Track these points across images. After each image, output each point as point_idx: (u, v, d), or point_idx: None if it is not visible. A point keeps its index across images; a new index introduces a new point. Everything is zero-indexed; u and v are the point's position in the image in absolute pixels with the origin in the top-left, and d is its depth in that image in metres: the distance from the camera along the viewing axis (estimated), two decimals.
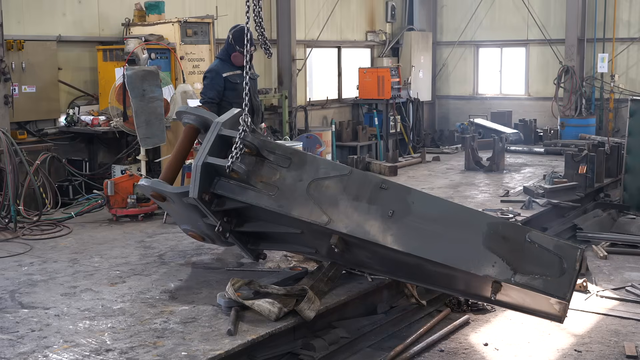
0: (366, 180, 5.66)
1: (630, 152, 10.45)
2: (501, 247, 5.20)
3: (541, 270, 5.08)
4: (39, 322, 5.37)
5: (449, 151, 15.65)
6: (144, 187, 6.19)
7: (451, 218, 5.46)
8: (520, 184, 11.16)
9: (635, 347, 5.87)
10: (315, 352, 5.48)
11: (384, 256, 5.61)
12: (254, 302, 5.40)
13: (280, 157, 5.80)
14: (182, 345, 4.88)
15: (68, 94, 11.05)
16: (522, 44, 18.15)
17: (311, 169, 5.73)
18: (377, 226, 5.40)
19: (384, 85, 15.83)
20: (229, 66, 7.80)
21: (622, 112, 16.08)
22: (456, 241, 5.30)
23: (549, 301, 5.17)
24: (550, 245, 5.22)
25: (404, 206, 5.46)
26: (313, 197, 5.56)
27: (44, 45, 10.46)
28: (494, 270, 5.10)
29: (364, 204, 5.49)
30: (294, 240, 6.10)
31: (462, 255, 5.22)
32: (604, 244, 8.98)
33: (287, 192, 5.63)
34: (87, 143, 11.00)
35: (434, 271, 5.50)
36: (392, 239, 5.35)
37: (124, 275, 6.57)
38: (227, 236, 5.93)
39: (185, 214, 6.25)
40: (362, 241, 5.46)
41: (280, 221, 5.80)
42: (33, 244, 7.72)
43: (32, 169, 8.85)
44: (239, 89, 7.41)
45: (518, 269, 5.10)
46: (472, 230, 5.33)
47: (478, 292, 5.69)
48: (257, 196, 5.67)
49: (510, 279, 5.04)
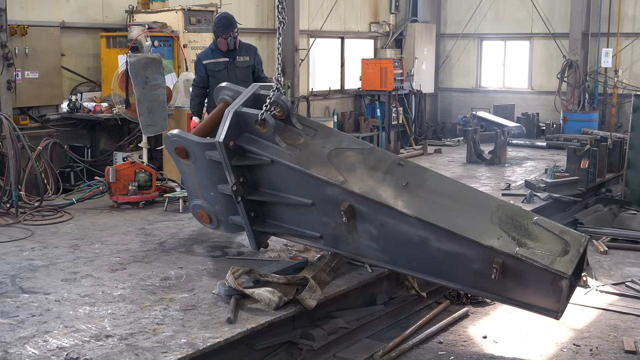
0: (385, 155, 6.08)
1: (633, 147, 10.44)
2: (508, 225, 5.37)
3: (545, 248, 5.21)
4: (40, 307, 5.38)
5: (451, 144, 15.64)
6: (172, 137, 6.32)
7: (463, 196, 5.76)
8: (521, 178, 11.16)
9: (634, 342, 5.88)
10: (314, 341, 5.49)
11: (390, 231, 5.64)
12: (254, 290, 5.42)
13: (307, 127, 6.21)
14: (182, 333, 4.90)
15: (71, 80, 11.04)
16: (526, 38, 18.10)
17: (335, 140, 6.13)
18: (389, 192, 5.64)
19: (387, 76, 15.80)
20: (216, 54, 7.96)
21: (625, 108, 16.07)
22: (465, 214, 5.49)
23: (548, 284, 5.16)
24: (556, 230, 5.40)
25: (418, 180, 5.77)
26: (332, 162, 5.88)
27: (47, 31, 10.45)
28: (499, 242, 5.22)
29: (380, 174, 5.80)
30: (302, 219, 6.13)
31: (469, 225, 5.37)
32: (604, 239, 8.99)
33: (308, 154, 5.96)
34: (89, 130, 11.00)
35: (437, 250, 5.47)
36: (402, 204, 5.53)
37: (124, 262, 6.58)
38: (238, 200, 6.07)
39: (202, 177, 6.40)
40: (372, 207, 5.60)
41: (294, 189, 5.97)
42: (34, 230, 7.73)
43: (34, 154, 8.86)
44: (218, 76, 7.84)
45: (522, 244, 5.22)
46: (482, 208, 5.56)
47: (478, 281, 5.51)
48: (278, 153, 5.95)
49: (514, 251, 5.13)
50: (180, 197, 8.69)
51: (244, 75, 7.97)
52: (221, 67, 7.90)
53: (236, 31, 7.86)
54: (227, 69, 7.90)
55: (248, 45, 8.16)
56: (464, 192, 5.88)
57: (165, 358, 4.49)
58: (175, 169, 9.79)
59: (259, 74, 8.10)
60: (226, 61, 7.91)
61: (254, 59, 8.06)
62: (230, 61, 7.92)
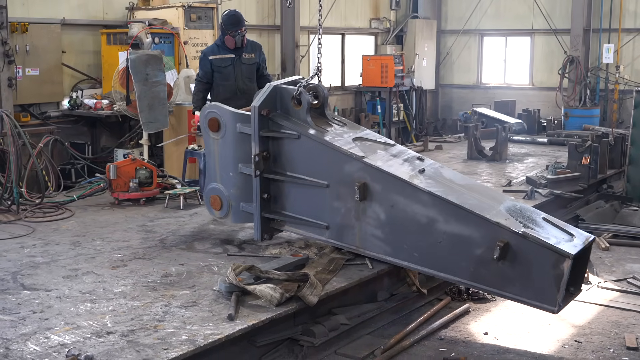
0: (406, 150, 6.45)
1: (635, 143, 10.41)
2: (517, 214, 5.59)
3: (550, 235, 5.37)
4: (41, 304, 5.39)
5: (452, 140, 15.62)
6: (208, 109, 6.81)
7: (477, 188, 6.07)
8: (522, 174, 11.15)
9: (636, 338, 5.88)
10: (315, 338, 5.49)
11: (399, 213, 5.84)
12: (256, 287, 5.41)
13: (337, 120, 6.65)
14: (183, 329, 4.90)
15: (71, 77, 11.04)
16: (527, 34, 18.08)
17: (361, 133, 6.55)
18: (406, 173, 5.94)
19: (388, 73, 15.79)
20: (222, 50, 7.99)
21: (626, 104, 16.05)
22: (477, 199, 5.69)
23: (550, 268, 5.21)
24: (563, 225, 5.62)
25: (435, 171, 6.12)
26: (356, 144, 6.21)
27: (48, 28, 10.44)
28: (506, 222, 5.38)
29: (400, 160, 6.17)
30: (312, 206, 6.35)
31: (479, 206, 5.55)
32: (606, 236, 8.98)
33: (334, 134, 6.33)
34: (89, 127, 11.00)
35: (442, 233, 5.63)
36: (417, 181, 5.81)
37: (125, 259, 6.58)
38: (257, 174, 6.40)
39: (226, 154, 6.72)
40: (387, 184, 5.85)
41: (313, 168, 6.27)
42: (35, 227, 7.73)
43: (35, 151, 8.86)
44: (224, 72, 7.95)
45: (528, 227, 5.38)
46: (494, 199, 5.86)
47: (479, 272, 5.55)
48: (305, 128, 6.31)
49: (519, 230, 5.27)
50: (181, 194, 8.69)
51: (249, 72, 8.03)
52: (227, 64, 7.94)
53: (244, 29, 7.93)
54: (233, 66, 7.94)
55: (253, 43, 8.21)
56: (478, 186, 6.26)
57: (166, 354, 4.49)
58: (176, 166, 9.86)
59: (262, 71, 8.15)
60: (232, 58, 7.94)
61: (259, 57, 8.12)
62: (237, 58, 7.95)
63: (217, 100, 7.85)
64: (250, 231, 7.54)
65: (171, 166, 9.95)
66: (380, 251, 6.07)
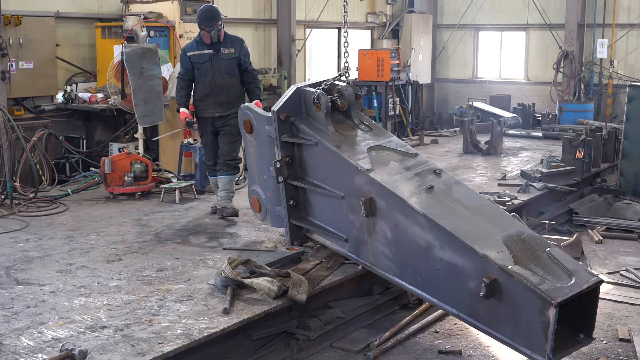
0: (425, 162, 5.80)
1: (628, 137, 10.44)
2: (516, 245, 4.84)
3: (543, 274, 4.58)
4: (35, 299, 5.38)
5: (448, 134, 15.63)
6: (243, 110, 6.75)
7: (485, 211, 5.27)
8: (517, 168, 11.17)
9: (629, 330, 5.90)
10: (310, 331, 5.50)
11: (401, 233, 5.35)
12: (254, 280, 5.41)
13: (364, 124, 6.21)
14: (178, 323, 4.90)
15: (66, 71, 11.00)
16: (522, 28, 18.08)
17: (384, 140, 6.06)
18: (409, 189, 5.41)
19: (384, 67, 15.77)
20: (201, 46, 7.79)
21: (620, 98, 16.07)
22: (475, 225, 5.05)
23: (537, 313, 4.46)
24: (568, 264, 4.71)
25: (445, 188, 5.48)
26: (369, 154, 5.79)
27: (42, 21, 10.40)
28: (496, 255, 4.71)
29: (410, 174, 5.61)
30: (334, 216, 6.07)
31: (473, 234, 4.92)
32: (599, 229, 9.02)
33: (350, 143, 5.96)
34: (84, 120, 10.97)
35: (439, 260, 5.05)
36: (416, 200, 5.27)
37: (120, 253, 6.58)
38: (280, 180, 6.22)
39: (260, 156, 6.63)
40: (389, 200, 5.38)
41: (331, 177, 5.98)
42: (29, 221, 7.71)
43: (28, 145, 8.84)
44: (201, 68, 7.77)
45: (522, 264, 4.65)
46: (498, 225, 5.08)
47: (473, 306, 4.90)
48: (323, 135, 6.01)
49: (508, 266, 4.59)
50: (176, 188, 8.69)
51: (228, 67, 7.78)
52: (205, 59, 7.73)
53: (220, 23, 7.67)
54: (210, 61, 7.72)
55: (233, 37, 7.93)
56: (488, 209, 5.37)
57: (161, 348, 4.49)
58: (171, 159, 9.85)
59: (246, 66, 7.88)
60: (210, 53, 7.72)
61: (239, 51, 7.82)
62: (214, 53, 7.72)
63: (197, 97, 7.85)
64: (245, 225, 7.56)
65: (166, 160, 9.94)
66: (390, 271, 5.59)
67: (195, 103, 7.90)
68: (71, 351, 4.29)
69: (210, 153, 8.05)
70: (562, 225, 9.20)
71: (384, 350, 5.46)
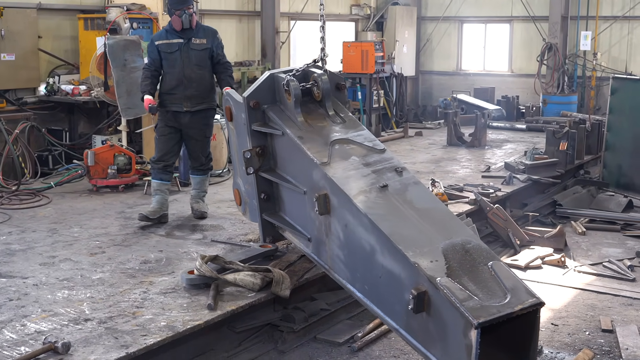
0: (389, 160, 5.27)
1: (611, 129, 10.51)
2: (457, 255, 4.29)
3: (475, 289, 4.01)
4: (17, 292, 5.34)
5: (432, 126, 15.66)
6: (225, 96, 6.38)
7: (434, 216, 4.75)
8: (501, 160, 11.22)
9: (611, 321, 5.95)
10: (295, 323, 5.51)
11: (350, 235, 4.89)
12: (236, 277, 5.37)
13: (338, 116, 5.73)
14: (162, 316, 4.88)
15: (48, 63, 10.91)
16: (506, 21, 18.12)
17: (353, 133, 5.54)
18: (360, 186, 4.92)
19: (368, 59, 15.74)
20: (170, 34, 7.31)
21: (603, 90, 16.16)
22: (418, 230, 4.54)
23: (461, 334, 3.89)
24: (507, 281, 4.10)
25: (401, 188, 4.98)
26: (332, 147, 5.33)
27: (24, 13, 10.30)
28: (429, 264, 4.18)
29: (368, 170, 5.10)
30: (300, 213, 5.70)
31: (411, 240, 4.41)
32: (582, 220, 9.07)
33: (315, 134, 5.51)
34: (67, 113, 10.88)
35: (381, 267, 4.54)
36: (363, 199, 4.79)
37: (103, 246, 6.55)
38: (250, 172, 5.86)
39: (240, 143, 6.24)
40: (340, 198, 4.91)
41: (296, 170, 5.60)
42: (12, 214, 7.66)
43: (11, 138, 8.77)
44: (170, 59, 7.26)
45: (454, 276, 4.09)
46: (444, 232, 4.53)
47: (409, 321, 4.32)
48: (290, 125, 5.60)
49: (436, 278, 4.04)
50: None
51: (198, 59, 7.26)
52: (174, 49, 7.22)
53: (192, 8, 7.24)
54: (180, 51, 7.22)
55: (206, 28, 7.48)
56: (439, 213, 4.80)
57: (145, 341, 4.48)
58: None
59: (219, 58, 7.37)
60: (180, 43, 7.23)
61: (212, 43, 7.32)
62: (185, 42, 7.22)
63: (163, 90, 7.33)
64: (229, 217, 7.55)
65: (150, 152, 9.85)
66: (344, 276, 5.06)
67: (161, 96, 7.36)
68: (54, 344, 4.28)
69: (160, 147, 7.38)
70: (545, 217, 9.25)
71: (368, 342, 5.48)
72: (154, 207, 7.31)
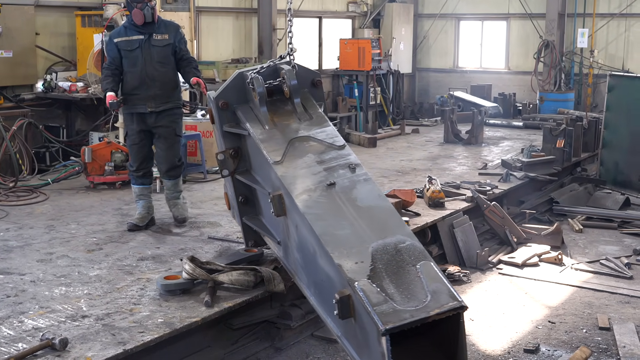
0: (345, 157, 5.08)
1: (608, 127, 10.52)
2: (386, 256, 4.15)
3: (394, 293, 3.88)
4: (15, 288, 5.34)
5: (429, 124, 15.67)
6: (210, 97, 5.81)
7: (375, 215, 4.61)
8: (498, 157, 11.23)
9: (608, 318, 5.96)
10: (291, 320, 5.51)
11: (301, 237, 4.75)
12: (229, 278, 5.28)
13: (306, 113, 5.48)
14: (159, 312, 4.88)
15: (46, 60, 10.89)
16: (503, 18, 18.13)
17: (316, 130, 5.33)
18: (306, 185, 4.77)
19: (365, 56, 15.75)
20: (130, 31, 6.91)
21: (600, 88, 16.17)
22: (353, 230, 4.41)
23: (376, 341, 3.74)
24: (432, 283, 3.94)
25: (349, 185, 4.82)
26: (291, 144, 5.14)
27: (21, 10, 10.27)
28: (353, 266, 4.05)
29: (319, 167, 4.93)
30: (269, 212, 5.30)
31: (343, 240, 4.29)
32: (579, 218, 9.09)
33: (277, 133, 5.28)
34: (64, 109, 10.88)
35: (322, 270, 4.41)
36: (305, 197, 4.66)
37: (100, 242, 6.55)
38: (224, 174, 5.66)
39: (218, 144, 5.99)
40: (289, 198, 4.75)
41: (262, 172, 5.41)
42: (9, 210, 7.65)
43: (8, 134, 8.76)
44: (130, 57, 6.87)
45: (377, 279, 3.96)
46: (381, 233, 4.37)
47: (348, 330, 4.14)
48: (254, 124, 5.37)
49: (355, 281, 3.91)
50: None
51: (161, 55, 6.87)
52: (134, 46, 6.82)
53: (153, 1, 6.83)
54: (140, 48, 6.82)
55: (168, 22, 7.09)
56: (381, 212, 4.65)
57: (142, 338, 4.48)
58: None
59: (182, 54, 6.99)
60: (140, 39, 6.83)
61: (174, 38, 6.94)
62: (146, 39, 6.83)
63: (125, 90, 6.91)
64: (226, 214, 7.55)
65: None
66: (304, 280, 4.87)
67: (123, 98, 6.96)
68: (52, 340, 4.28)
69: (136, 156, 7.04)
70: (542, 215, 9.26)
71: None
72: (141, 212, 7.09)
